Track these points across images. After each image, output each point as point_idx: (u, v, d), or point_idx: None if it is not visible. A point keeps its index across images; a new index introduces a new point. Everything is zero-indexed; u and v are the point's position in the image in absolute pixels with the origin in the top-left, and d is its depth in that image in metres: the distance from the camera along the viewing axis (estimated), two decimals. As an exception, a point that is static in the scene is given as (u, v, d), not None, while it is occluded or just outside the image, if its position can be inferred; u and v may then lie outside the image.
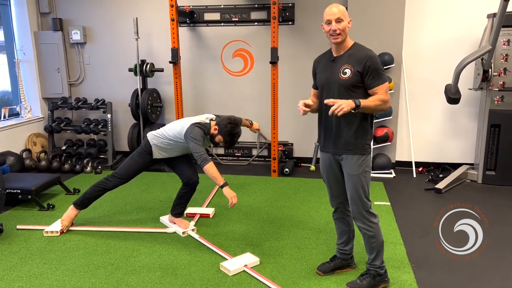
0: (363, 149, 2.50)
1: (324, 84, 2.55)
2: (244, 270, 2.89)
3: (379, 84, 2.39)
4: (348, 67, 2.41)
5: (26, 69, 5.85)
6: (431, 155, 5.34)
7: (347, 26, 2.41)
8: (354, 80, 2.40)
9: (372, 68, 2.37)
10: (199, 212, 3.87)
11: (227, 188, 3.10)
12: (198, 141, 3.14)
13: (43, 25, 5.88)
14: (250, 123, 3.78)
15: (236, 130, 3.22)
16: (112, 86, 5.91)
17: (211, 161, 3.11)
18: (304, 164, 5.60)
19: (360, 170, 2.49)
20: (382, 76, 2.40)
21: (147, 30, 5.61)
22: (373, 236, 2.57)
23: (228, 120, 3.22)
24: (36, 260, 3.07)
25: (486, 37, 4.48)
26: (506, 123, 4.61)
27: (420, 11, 5.02)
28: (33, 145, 5.71)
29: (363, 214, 2.54)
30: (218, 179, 3.10)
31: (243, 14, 5.39)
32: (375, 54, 2.44)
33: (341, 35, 2.40)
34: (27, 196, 4.01)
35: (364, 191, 2.52)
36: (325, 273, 2.85)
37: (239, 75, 5.61)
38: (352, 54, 2.44)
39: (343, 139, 2.50)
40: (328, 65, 2.53)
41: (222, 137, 3.22)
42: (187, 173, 3.48)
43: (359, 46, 2.48)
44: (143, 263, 3.02)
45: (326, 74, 2.53)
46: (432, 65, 5.10)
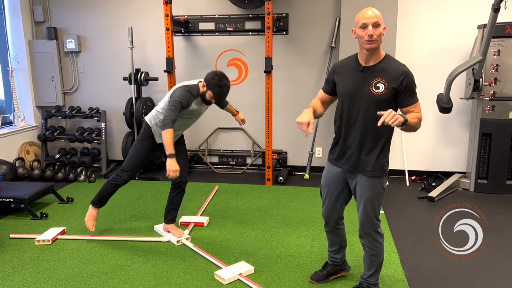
0: (381, 171, 2.38)
1: (349, 94, 2.36)
2: (239, 279, 2.89)
3: (415, 102, 2.28)
4: (382, 81, 2.26)
5: (20, 78, 5.84)
6: (423, 164, 5.39)
7: (382, 33, 2.24)
8: (387, 96, 2.26)
9: (409, 86, 2.24)
10: (193, 221, 3.87)
11: (172, 159, 3.04)
12: (176, 105, 3.09)
13: (38, 34, 5.89)
14: (236, 110, 3.76)
15: (223, 81, 3.14)
16: (107, 94, 5.91)
17: (172, 130, 3.07)
18: (298, 172, 5.61)
19: (374, 193, 2.39)
20: (415, 93, 2.29)
21: (142, 39, 5.64)
22: (375, 255, 2.53)
23: (213, 73, 3.16)
24: (29, 270, 3.05)
25: (477, 47, 4.55)
26: (497, 132, 4.67)
27: (412, 22, 5.09)
28: (26, 153, 5.69)
29: (370, 234, 2.48)
30: (169, 148, 3.05)
31: (238, 24, 5.43)
32: (410, 71, 2.28)
33: (377, 41, 2.23)
34: (20, 205, 3.98)
35: (375, 212, 2.43)
36: (319, 282, 2.84)
37: (234, 84, 5.63)
38: (386, 68, 2.27)
39: (362, 158, 2.37)
40: (355, 74, 2.34)
41: (211, 91, 3.15)
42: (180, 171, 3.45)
43: (392, 60, 2.32)
44: (137, 272, 3.01)
45: (353, 85, 2.34)
46: (424, 75, 5.15)
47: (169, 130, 3.06)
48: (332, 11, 5.21)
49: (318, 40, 5.32)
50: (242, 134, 5.74)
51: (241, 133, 5.74)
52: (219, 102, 3.32)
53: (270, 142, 5.07)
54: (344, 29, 4.98)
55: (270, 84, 4.91)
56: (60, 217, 4.09)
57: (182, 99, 3.14)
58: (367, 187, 2.39)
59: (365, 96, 2.29)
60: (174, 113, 3.10)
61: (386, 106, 2.21)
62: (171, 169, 3.03)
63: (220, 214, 4.14)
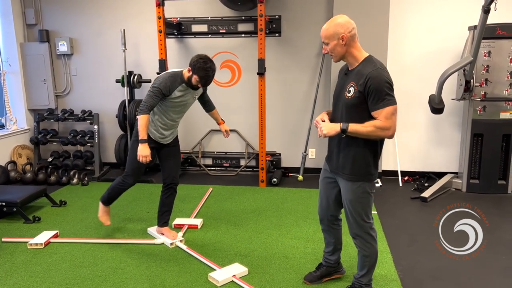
0: (359, 175, 2.33)
1: (334, 97, 2.43)
2: (233, 281, 2.89)
3: (380, 108, 2.15)
4: (353, 85, 2.23)
5: (11, 81, 5.80)
6: (416, 165, 5.42)
7: (335, 46, 2.23)
8: (355, 101, 2.22)
9: (373, 88, 2.14)
10: (187, 223, 3.86)
11: (143, 145, 3.05)
12: (155, 91, 3.08)
13: (29, 37, 5.86)
14: (221, 119, 3.74)
15: (208, 64, 3.07)
16: (99, 97, 5.89)
17: (146, 116, 3.07)
18: (292, 174, 5.63)
19: (355, 196, 2.37)
20: (384, 99, 2.14)
21: (135, 41, 5.63)
22: (367, 256, 2.53)
23: (198, 57, 3.10)
24: (22, 273, 3.03)
25: (468, 48, 4.60)
26: (488, 133, 4.71)
27: (404, 24, 5.13)
28: (19, 157, 5.65)
29: (360, 235, 2.48)
30: (141, 133, 3.05)
31: (230, 26, 5.44)
32: (380, 73, 2.16)
33: (334, 56, 2.29)
34: (12, 209, 3.96)
35: (360, 215, 2.41)
36: (312, 283, 2.84)
37: (227, 86, 5.64)
38: (360, 71, 2.23)
39: (341, 161, 2.38)
40: (342, 78, 2.37)
41: (196, 75, 3.09)
42: (171, 172, 3.44)
43: (368, 61, 2.24)
44: (131, 274, 3.00)
45: (337, 89, 2.39)
46: (416, 76, 5.20)
47: (144, 116, 3.06)
48: (325, 13, 5.23)
49: (310, 42, 5.34)
50: (236, 136, 5.75)
51: (234, 135, 5.74)
52: (205, 85, 3.25)
53: (263, 144, 5.08)
54: (336, 31, 5.00)
55: (263, 86, 4.92)
56: (53, 220, 4.06)
57: (162, 86, 3.11)
58: (347, 190, 2.41)
59: (342, 100, 2.32)
60: (152, 99, 3.08)
61: (356, 110, 2.24)
62: (141, 154, 3.04)
63: (214, 216, 4.14)
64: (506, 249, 3.39)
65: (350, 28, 2.22)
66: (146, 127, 3.08)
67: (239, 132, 5.73)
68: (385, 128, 2.18)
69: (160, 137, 3.37)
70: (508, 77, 4.59)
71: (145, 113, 3.07)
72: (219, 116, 3.75)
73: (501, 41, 4.55)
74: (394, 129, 2.20)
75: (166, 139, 3.42)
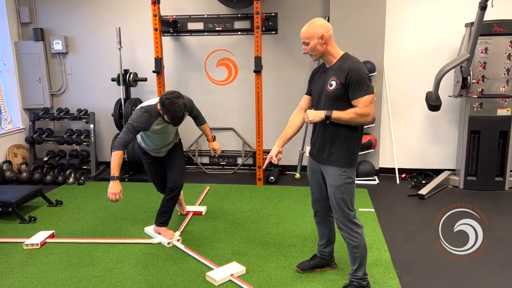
0: (345, 161, 2.50)
1: (316, 95, 2.59)
2: (230, 280, 2.88)
3: (359, 96, 2.37)
4: (334, 79, 2.43)
5: (6, 80, 5.76)
6: (413, 162, 5.42)
7: (316, 45, 2.44)
8: (338, 92, 2.42)
9: (353, 79, 2.36)
10: (192, 210, 3.99)
11: (114, 182, 2.96)
12: (130, 128, 3.05)
13: (24, 35, 5.81)
14: (212, 137, 3.69)
15: (174, 106, 2.94)
16: (95, 96, 5.85)
17: (119, 152, 3.00)
18: (289, 172, 5.61)
19: (341, 182, 2.51)
20: (363, 88, 2.37)
21: (130, 39, 5.59)
22: (356, 246, 2.58)
23: (165, 97, 2.97)
24: (17, 274, 3.00)
25: (465, 45, 4.59)
26: (485, 129, 4.71)
27: (400, 20, 5.12)
28: (14, 156, 5.61)
29: (345, 224, 2.56)
30: (113, 170, 2.98)
31: (227, 23, 5.42)
32: (359, 66, 2.41)
33: (314, 55, 2.49)
34: (8, 209, 3.93)
35: (345, 202, 2.53)
36: (304, 271, 2.96)
37: (223, 84, 5.62)
38: (339, 65, 2.45)
39: (326, 149, 2.54)
40: (321, 76, 2.57)
41: (166, 115, 3.03)
42: (173, 176, 3.44)
43: (346, 57, 2.48)
44: (128, 274, 2.98)
45: (318, 85, 2.57)
46: (413, 73, 5.20)
47: (117, 152, 2.99)
48: (321, 11, 5.21)
49: (307, 40, 5.31)
50: (233, 134, 5.73)
51: (231, 133, 5.72)
52: (177, 124, 3.20)
53: (260, 142, 5.07)
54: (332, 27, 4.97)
55: (259, 84, 4.90)
56: (49, 220, 4.04)
57: (137, 122, 3.07)
58: (333, 176, 2.53)
59: (324, 94, 2.50)
60: (126, 135, 3.04)
61: (339, 101, 2.44)
62: (111, 191, 2.93)
63: (211, 215, 4.12)
64: (503, 246, 3.39)
65: (328, 29, 2.46)
66: (118, 164, 2.99)
67: (235, 130, 5.71)
68: (365, 115, 2.39)
69: (155, 152, 3.46)
70: (505, 74, 4.59)
71: (118, 149, 3.00)
72: (210, 132, 3.71)
73: (498, 38, 4.54)
74: (373, 116, 2.42)
75: (163, 153, 3.49)
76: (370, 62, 4.96)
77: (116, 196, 2.94)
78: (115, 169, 2.98)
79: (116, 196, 2.94)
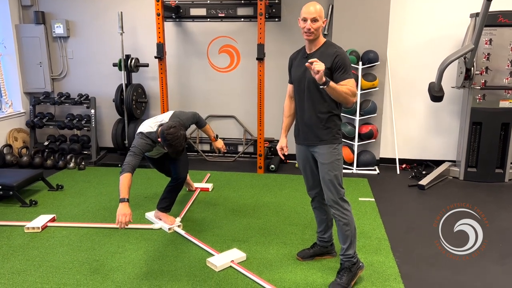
0: (333, 138, 2.59)
1: (297, 80, 2.65)
2: (231, 266, 2.89)
3: (348, 77, 2.46)
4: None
5: (7, 63, 5.72)
6: (414, 152, 5.42)
7: (321, 26, 2.49)
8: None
9: (340, 63, 2.45)
10: (199, 187, 4.20)
11: (122, 204, 2.77)
12: (137, 151, 3.05)
13: (25, 18, 5.76)
14: (214, 136, 3.74)
15: (175, 142, 2.98)
16: (96, 81, 5.82)
17: (128, 174, 2.89)
18: (289, 160, 5.61)
19: (332, 159, 2.58)
20: (349, 72, 2.48)
21: (132, 24, 5.55)
22: (347, 224, 2.63)
23: (163, 131, 3.00)
24: (19, 257, 3.02)
25: (469, 36, 4.55)
26: (487, 121, 4.70)
27: (405, 10, 5.07)
28: (14, 140, 5.60)
29: (337, 201, 2.60)
30: (121, 193, 2.83)
31: (230, 10, 5.37)
32: (344, 52, 2.53)
33: (314, 34, 2.50)
34: (9, 192, 3.94)
35: (337, 178, 2.59)
36: (304, 259, 2.98)
37: (226, 71, 5.59)
38: (323, 51, 2.52)
39: (315, 131, 2.60)
40: (302, 61, 2.59)
41: (165, 147, 3.07)
42: (177, 170, 3.51)
43: (329, 44, 2.57)
44: (128, 259, 3.00)
45: (299, 71, 2.62)
46: (416, 63, 5.16)
47: (127, 175, 2.89)
48: (325, -2, 5.16)
49: (310, 28, 5.26)
50: (234, 122, 5.72)
51: (233, 121, 5.71)
52: (176, 157, 3.24)
53: (262, 130, 5.06)
54: (337, 16, 4.95)
55: (262, 71, 4.87)
56: (50, 204, 4.04)
57: (142, 147, 3.10)
58: (324, 154, 2.59)
59: (307, 79, 2.54)
60: (134, 159, 3.00)
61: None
62: (120, 213, 2.73)
63: (212, 202, 4.13)
64: (503, 237, 3.40)
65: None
66: (128, 186, 2.86)
67: (237, 118, 5.69)
68: (353, 94, 2.46)
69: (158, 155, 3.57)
70: (508, 66, 4.57)
71: (127, 172, 2.91)
72: (212, 132, 3.75)
73: (502, 29, 4.51)
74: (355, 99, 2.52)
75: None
76: (373, 52, 4.93)
77: (126, 218, 2.72)
78: (125, 191, 2.83)
79: (126, 218, 2.72)
